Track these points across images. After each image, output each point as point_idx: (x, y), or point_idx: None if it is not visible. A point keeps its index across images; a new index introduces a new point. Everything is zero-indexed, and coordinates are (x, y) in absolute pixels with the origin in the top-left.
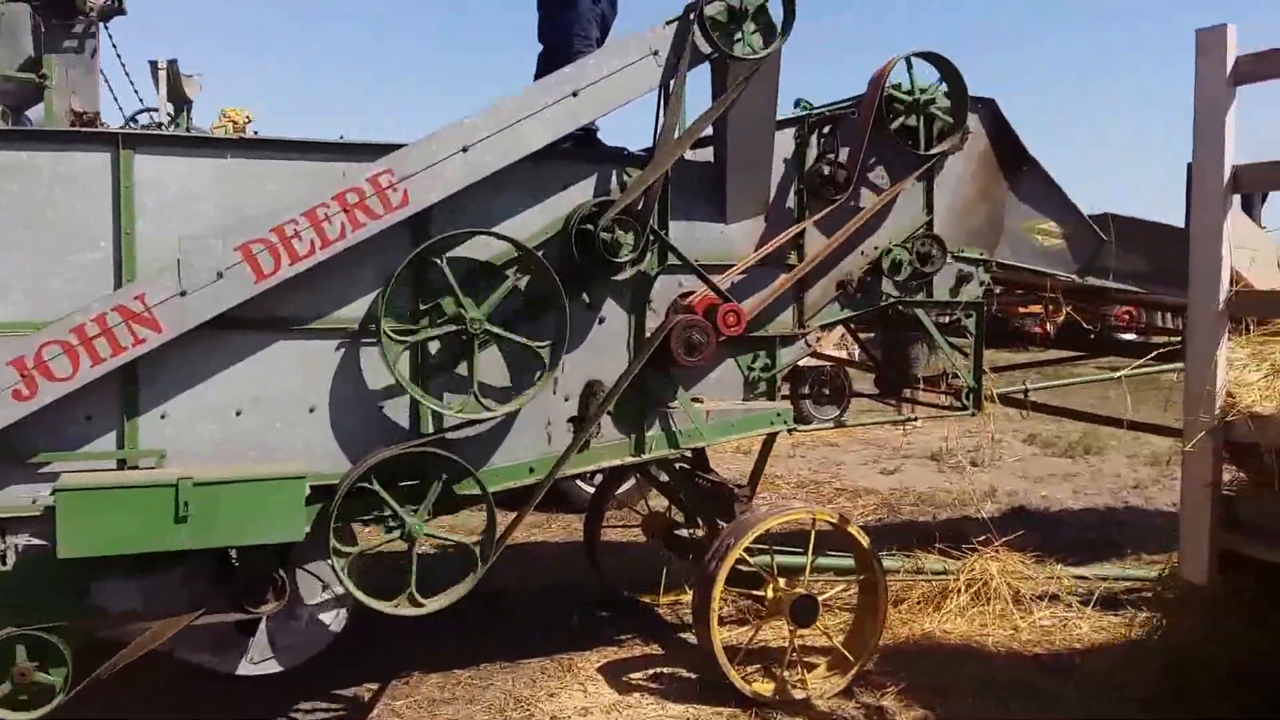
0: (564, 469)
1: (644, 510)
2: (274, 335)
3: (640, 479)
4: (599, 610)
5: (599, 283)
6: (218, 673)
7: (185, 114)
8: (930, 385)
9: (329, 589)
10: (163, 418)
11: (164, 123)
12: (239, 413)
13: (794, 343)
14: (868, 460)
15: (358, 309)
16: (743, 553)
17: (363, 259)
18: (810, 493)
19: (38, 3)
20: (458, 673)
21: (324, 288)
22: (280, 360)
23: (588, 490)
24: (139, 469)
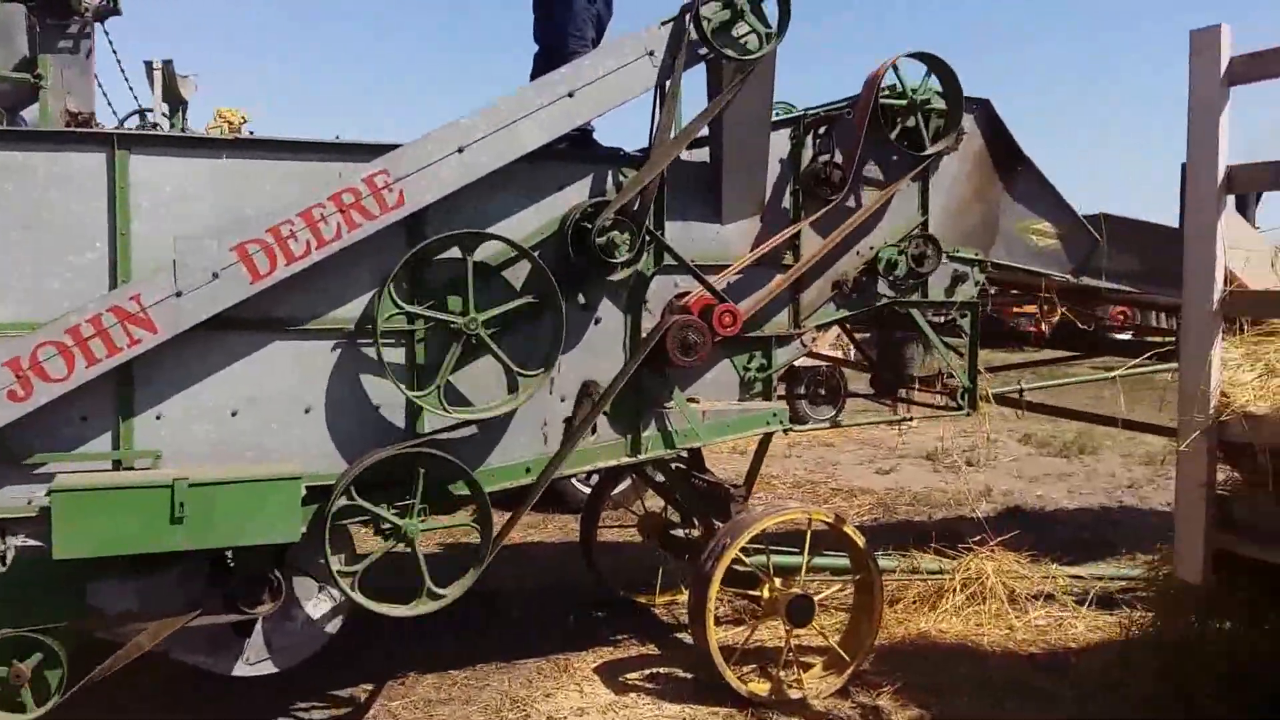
0: (559, 469)
1: (640, 510)
2: (270, 336)
3: (636, 479)
4: (595, 610)
5: (595, 283)
6: (214, 673)
7: (180, 114)
8: (925, 385)
9: (324, 590)
10: (158, 418)
11: (157, 123)
12: (235, 413)
13: (790, 343)
14: (863, 460)
15: (353, 309)
16: (738, 553)
17: (358, 259)
18: (806, 493)
19: (33, 3)
20: (454, 673)
21: (320, 288)
22: (276, 361)
23: (584, 490)
24: (135, 470)
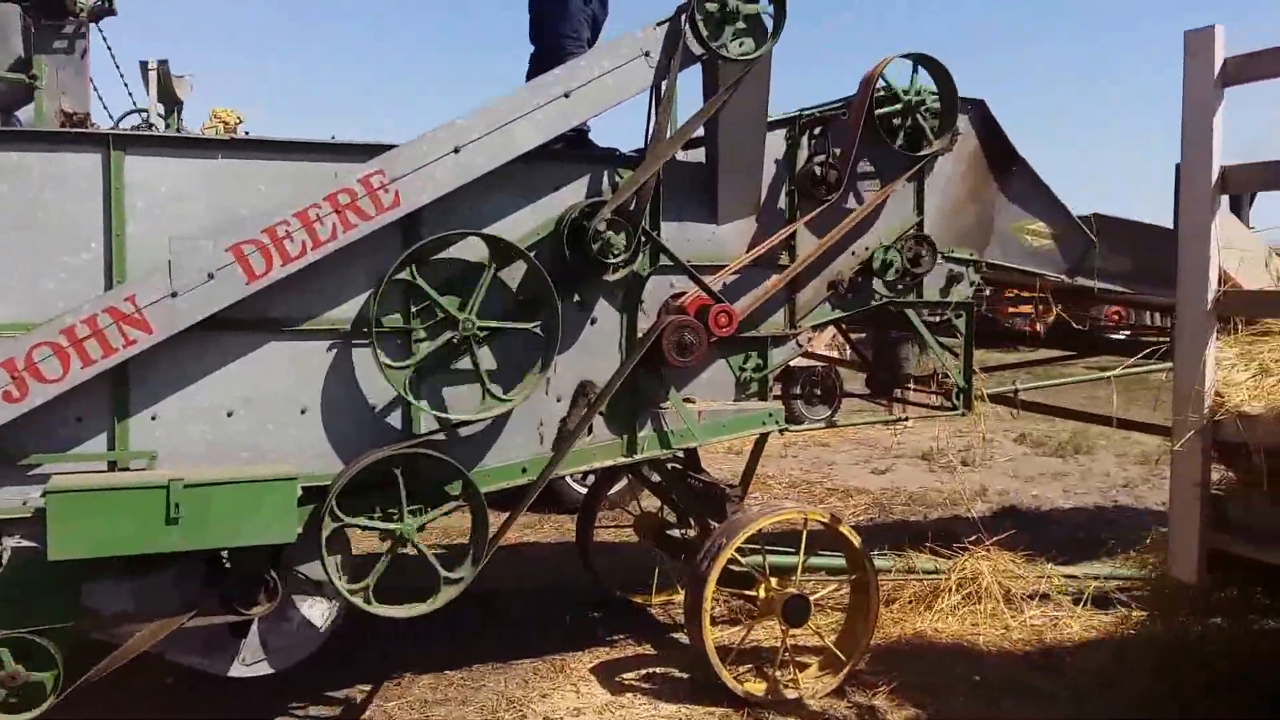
0: (555, 470)
1: (636, 510)
2: (265, 336)
3: (632, 479)
4: (591, 611)
5: (591, 283)
6: (209, 674)
7: (176, 115)
8: (921, 385)
9: (320, 590)
10: (154, 419)
11: (152, 123)
12: (230, 414)
13: (785, 343)
14: (859, 460)
15: (349, 310)
16: (735, 553)
17: (354, 260)
18: (802, 493)
19: (28, 3)
20: (450, 674)
21: (315, 289)
22: (272, 361)
23: (580, 491)
24: (130, 470)
